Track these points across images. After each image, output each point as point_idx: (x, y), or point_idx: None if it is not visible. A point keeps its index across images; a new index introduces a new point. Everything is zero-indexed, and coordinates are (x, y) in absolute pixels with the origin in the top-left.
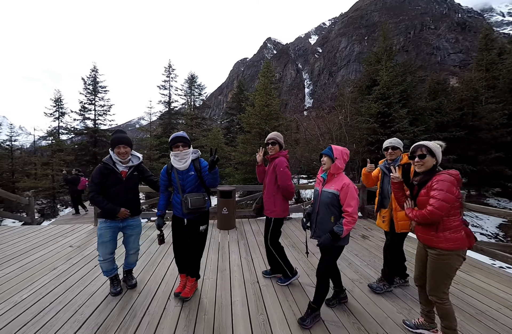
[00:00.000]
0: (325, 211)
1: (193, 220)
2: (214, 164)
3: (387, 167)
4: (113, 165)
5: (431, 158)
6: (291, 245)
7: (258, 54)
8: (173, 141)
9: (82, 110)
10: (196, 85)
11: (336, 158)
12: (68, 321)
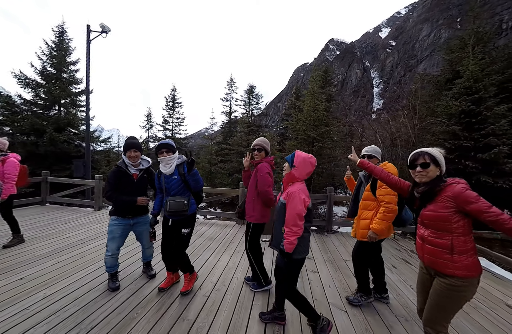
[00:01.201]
0: (278, 221)
1: (177, 222)
2: (191, 166)
3: (365, 174)
4: (125, 168)
5: (435, 168)
6: (330, 261)
7: (319, 57)
8: (158, 148)
9: (164, 122)
10: (254, 95)
11: (295, 166)
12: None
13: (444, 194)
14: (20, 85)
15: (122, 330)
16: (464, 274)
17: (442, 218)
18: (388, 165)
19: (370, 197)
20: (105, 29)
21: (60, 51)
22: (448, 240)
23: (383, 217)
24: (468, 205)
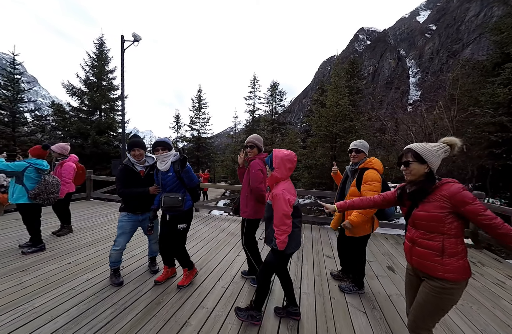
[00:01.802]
0: (269, 219)
1: (174, 217)
2: (183, 163)
3: (351, 169)
4: (132, 166)
5: (419, 166)
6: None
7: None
8: (154, 146)
9: (191, 123)
10: (277, 92)
11: (275, 168)
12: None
13: (439, 193)
14: (69, 94)
15: (151, 311)
16: (454, 277)
17: (435, 219)
18: (375, 160)
19: (355, 193)
20: (137, 38)
21: (100, 61)
22: (439, 241)
23: (362, 211)
24: (464, 206)
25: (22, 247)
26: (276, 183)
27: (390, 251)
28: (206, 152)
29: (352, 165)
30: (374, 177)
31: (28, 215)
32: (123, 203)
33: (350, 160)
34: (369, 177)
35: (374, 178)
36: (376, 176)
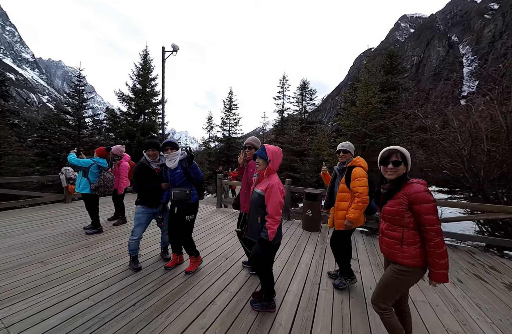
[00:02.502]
0: (253, 211)
1: (181, 210)
2: (191, 160)
3: (339, 168)
4: (148, 164)
5: (403, 167)
6: (376, 264)
7: (386, 40)
8: (163, 146)
9: (222, 123)
10: (307, 91)
11: (270, 160)
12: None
13: (403, 191)
14: (119, 100)
15: (182, 289)
16: (410, 262)
17: (397, 213)
18: (360, 159)
19: (345, 189)
20: (175, 48)
21: (144, 71)
22: (400, 232)
23: (357, 207)
24: (415, 204)
25: (85, 229)
26: (267, 175)
27: None
28: (236, 152)
29: (340, 164)
30: (362, 174)
31: (89, 203)
32: (139, 197)
33: (377, 160)
34: (357, 174)
35: (362, 174)
36: (363, 173)
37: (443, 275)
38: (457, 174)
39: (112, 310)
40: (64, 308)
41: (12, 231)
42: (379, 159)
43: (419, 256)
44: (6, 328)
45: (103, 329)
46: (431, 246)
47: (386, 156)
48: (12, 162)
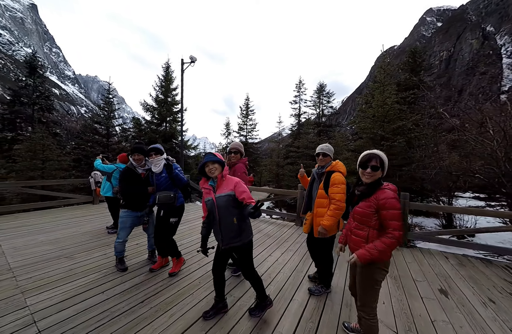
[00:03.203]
0: (226, 215)
1: (167, 212)
2: (170, 169)
3: (318, 172)
4: (134, 169)
5: (380, 172)
6: (392, 277)
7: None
8: (148, 151)
9: (239, 129)
10: (324, 93)
11: (225, 163)
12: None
13: (374, 195)
14: (144, 110)
15: (188, 291)
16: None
17: (365, 214)
18: (339, 164)
19: (323, 195)
20: (193, 60)
21: (166, 82)
22: (366, 232)
23: (332, 214)
24: (383, 209)
25: (107, 228)
26: (224, 177)
27: (448, 272)
28: (253, 157)
29: (319, 168)
30: (341, 180)
31: (111, 205)
32: (123, 201)
33: (394, 164)
34: (336, 180)
35: (341, 181)
36: (342, 179)
37: (366, 258)
38: (491, 179)
39: (122, 306)
40: (81, 300)
41: (47, 227)
42: (359, 161)
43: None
44: (32, 315)
45: (112, 322)
46: (384, 241)
47: (366, 160)
48: (52, 167)
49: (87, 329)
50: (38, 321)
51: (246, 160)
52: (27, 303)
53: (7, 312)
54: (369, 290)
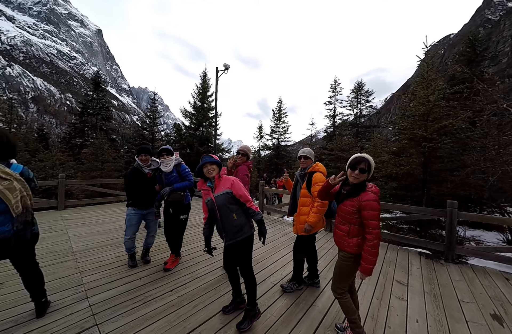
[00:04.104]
0: (226, 213)
1: (176, 210)
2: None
3: (300, 174)
4: (141, 169)
5: (366, 175)
6: (432, 294)
7: (472, 21)
8: (160, 152)
9: (271, 132)
10: (362, 92)
11: (221, 163)
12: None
13: (357, 196)
14: (183, 116)
15: (212, 285)
16: (353, 250)
17: (348, 212)
18: (319, 165)
19: (306, 194)
20: (226, 67)
21: (203, 89)
22: (348, 227)
23: (316, 211)
24: (363, 210)
25: None
26: (221, 177)
27: (506, 296)
28: (285, 159)
29: (301, 170)
30: (322, 179)
31: None
32: (129, 200)
33: (441, 169)
34: (317, 179)
35: (322, 179)
36: (322, 178)
37: (370, 269)
38: None
39: (154, 292)
40: (123, 284)
41: (102, 220)
42: (349, 163)
43: (360, 245)
44: (85, 291)
45: (144, 305)
46: (369, 245)
47: (356, 162)
48: (109, 168)
49: (125, 309)
50: (90, 297)
51: (250, 163)
52: (83, 281)
53: (68, 286)
54: (345, 277)
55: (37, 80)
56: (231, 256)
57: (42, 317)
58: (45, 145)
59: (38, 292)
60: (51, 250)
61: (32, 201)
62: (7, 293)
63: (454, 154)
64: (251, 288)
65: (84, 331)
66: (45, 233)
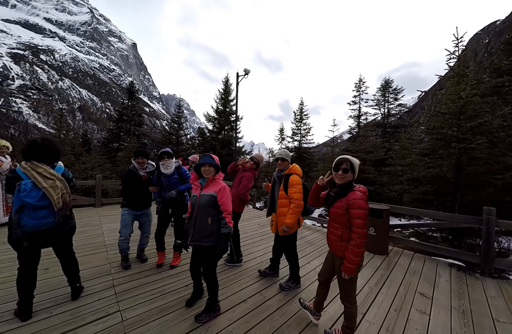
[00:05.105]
0: (203, 214)
1: (177, 210)
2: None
3: (278, 175)
4: (136, 171)
5: (350, 174)
6: (461, 311)
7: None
8: (160, 155)
9: (293, 134)
10: (390, 90)
11: (220, 166)
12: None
13: (345, 196)
14: (206, 121)
15: (224, 284)
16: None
17: (338, 214)
18: (296, 167)
19: (284, 196)
20: (247, 72)
21: (225, 94)
22: (340, 231)
23: (293, 212)
24: (351, 208)
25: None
26: (215, 180)
27: None
28: (307, 162)
29: (279, 171)
30: (298, 181)
31: None
32: (124, 200)
33: (476, 171)
34: (294, 181)
35: (298, 182)
36: (299, 180)
37: (352, 269)
38: None
39: (171, 286)
40: (144, 276)
41: None
42: (333, 165)
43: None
44: (113, 280)
45: (161, 297)
46: (352, 244)
47: (338, 163)
48: None
49: (144, 299)
50: (116, 285)
51: (257, 172)
52: (111, 271)
53: (99, 275)
54: (351, 284)
55: (82, 92)
56: (196, 257)
57: (76, 300)
58: (87, 149)
59: (74, 278)
60: (87, 242)
61: (70, 198)
62: (51, 277)
63: (494, 155)
64: (213, 291)
65: (108, 316)
66: (84, 227)
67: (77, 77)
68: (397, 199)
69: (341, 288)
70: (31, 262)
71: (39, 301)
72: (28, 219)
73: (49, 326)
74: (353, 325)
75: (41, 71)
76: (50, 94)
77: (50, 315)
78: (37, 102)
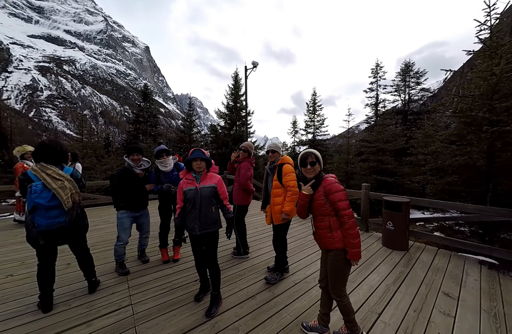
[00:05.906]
0: (207, 204)
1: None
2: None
3: (270, 167)
4: (132, 169)
5: (317, 166)
6: (492, 314)
7: None
8: (159, 153)
9: (306, 126)
10: (411, 74)
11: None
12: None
13: (321, 185)
14: (218, 117)
15: (232, 279)
16: (341, 245)
17: (320, 205)
18: (287, 157)
19: (278, 185)
20: (255, 65)
21: (235, 89)
22: (327, 221)
23: (291, 199)
24: (330, 194)
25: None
26: (209, 172)
27: None
28: (322, 154)
29: (270, 163)
30: (291, 169)
31: None
32: (121, 202)
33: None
34: (287, 170)
35: (291, 170)
36: (291, 168)
37: (357, 253)
38: None
39: (180, 281)
40: (157, 271)
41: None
42: (299, 162)
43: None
44: (127, 275)
45: (170, 292)
46: (346, 228)
47: (303, 158)
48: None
49: (155, 293)
50: (129, 280)
51: (252, 160)
52: (126, 267)
53: (114, 270)
54: (341, 276)
55: (103, 97)
56: (200, 245)
57: (93, 293)
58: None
59: (89, 272)
60: (105, 239)
61: (80, 197)
62: (71, 271)
63: None
64: (216, 277)
65: (121, 309)
66: (103, 224)
67: (97, 84)
68: (420, 190)
69: (331, 282)
70: (49, 259)
71: (60, 294)
72: (41, 219)
73: (67, 317)
74: (351, 318)
75: (65, 81)
76: (74, 102)
77: (68, 307)
78: (64, 110)
